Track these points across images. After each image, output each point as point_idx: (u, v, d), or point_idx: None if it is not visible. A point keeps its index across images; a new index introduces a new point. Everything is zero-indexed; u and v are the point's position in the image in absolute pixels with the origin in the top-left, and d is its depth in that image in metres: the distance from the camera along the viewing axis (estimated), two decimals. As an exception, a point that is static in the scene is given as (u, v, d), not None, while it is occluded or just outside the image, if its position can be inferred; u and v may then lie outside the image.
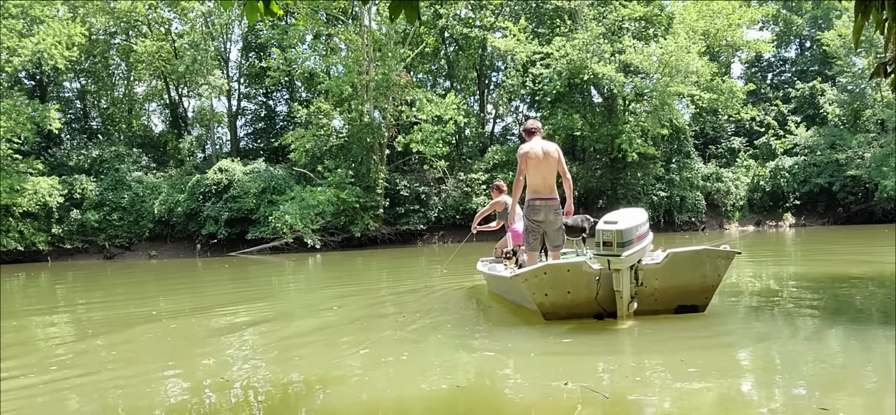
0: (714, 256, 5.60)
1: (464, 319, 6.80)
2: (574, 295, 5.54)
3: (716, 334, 5.31)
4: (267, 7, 2.88)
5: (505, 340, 5.67)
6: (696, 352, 4.61)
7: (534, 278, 5.55)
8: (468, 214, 24.73)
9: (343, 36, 25.36)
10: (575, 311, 5.60)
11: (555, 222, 6.50)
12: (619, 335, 5.25)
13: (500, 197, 8.28)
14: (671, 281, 5.58)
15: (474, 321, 6.67)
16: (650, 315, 5.61)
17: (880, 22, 3.65)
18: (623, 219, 5.33)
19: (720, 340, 5.16)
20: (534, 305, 5.66)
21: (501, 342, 5.59)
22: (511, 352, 5.19)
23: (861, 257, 12.26)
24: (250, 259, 20.85)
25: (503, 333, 5.94)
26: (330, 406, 3.77)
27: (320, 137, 24.64)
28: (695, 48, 23.71)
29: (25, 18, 23.62)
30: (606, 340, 5.15)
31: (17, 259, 22.80)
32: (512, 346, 5.41)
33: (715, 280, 5.68)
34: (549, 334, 5.44)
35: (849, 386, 3.73)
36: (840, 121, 28.61)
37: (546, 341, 5.29)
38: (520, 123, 33.25)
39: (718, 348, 4.84)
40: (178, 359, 5.36)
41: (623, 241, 5.18)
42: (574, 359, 4.65)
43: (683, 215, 26.36)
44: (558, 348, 5.00)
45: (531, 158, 6.37)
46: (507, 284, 6.71)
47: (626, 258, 5.23)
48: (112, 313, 8.94)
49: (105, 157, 25.79)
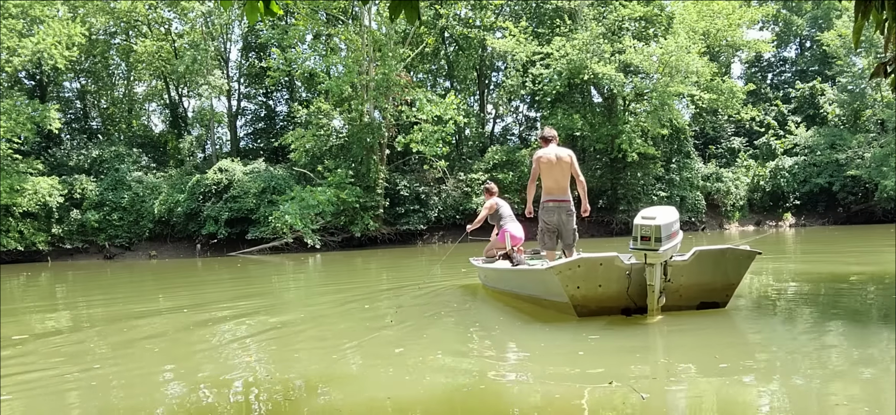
0: (738, 256, 5.75)
1: (464, 318, 6.80)
2: (605, 288, 5.60)
3: (743, 331, 5.40)
4: (267, 7, 2.88)
5: (505, 340, 5.67)
6: (725, 349, 4.62)
7: (567, 271, 5.58)
8: (468, 214, 24.72)
9: (343, 36, 25.35)
10: (605, 304, 5.66)
11: (567, 223, 6.86)
12: (623, 334, 5.25)
13: (491, 200, 8.41)
14: (697, 278, 5.71)
15: (474, 321, 6.67)
16: (674, 311, 5.71)
17: (880, 22, 3.65)
18: (660, 215, 5.39)
19: (746, 337, 5.23)
20: (565, 297, 5.67)
21: (501, 342, 5.59)
22: (512, 352, 5.19)
23: (867, 257, 12.27)
24: (250, 259, 20.85)
25: (503, 333, 5.94)
26: (330, 406, 3.76)
27: (320, 137, 24.64)
28: (695, 48, 23.70)
29: (25, 18, 23.61)
30: (607, 337, 5.15)
31: (16, 259, 22.80)
32: (512, 346, 5.41)
33: (737, 278, 5.85)
34: (548, 334, 5.44)
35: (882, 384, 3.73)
36: (840, 121, 28.61)
37: (545, 341, 5.29)
38: (520, 123, 33.29)
39: (744, 346, 4.85)
40: (178, 358, 5.36)
41: (661, 236, 5.25)
42: (574, 359, 4.65)
43: (683, 215, 26.31)
44: (558, 349, 5.00)
45: (544, 163, 6.80)
46: (527, 277, 6.81)
47: (663, 253, 5.29)
48: (112, 313, 8.94)
49: (105, 157, 25.79)
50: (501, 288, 7.80)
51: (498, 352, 5.24)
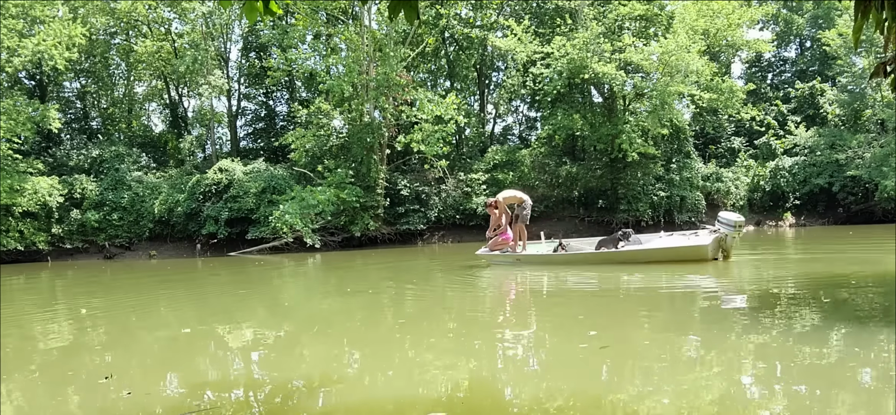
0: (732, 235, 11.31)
1: (463, 318, 6.80)
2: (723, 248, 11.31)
3: (744, 331, 5.37)
4: (266, 7, 2.88)
5: (506, 339, 5.67)
6: (725, 348, 4.61)
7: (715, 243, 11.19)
8: (468, 214, 24.72)
9: (343, 36, 25.33)
10: (716, 255, 11.24)
11: None
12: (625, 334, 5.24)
13: (496, 210, 12.24)
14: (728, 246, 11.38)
15: (474, 321, 6.66)
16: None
17: (880, 22, 3.65)
18: (738, 215, 11.41)
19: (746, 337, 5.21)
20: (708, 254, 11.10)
21: (502, 342, 5.59)
22: (512, 352, 5.19)
23: (871, 256, 12.26)
24: (250, 259, 20.85)
25: (503, 333, 5.94)
26: (330, 406, 3.76)
27: (320, 136, 24.61)
28: (695, 48, 23.67)
29: (25, 19, 23.60)
30: (606, 338, 5.14)
31: (16, 259, 22.80)
32: (513, 346, 5.41)
33: (733, 244, 11.50)
34: (546, 335, 5.43)
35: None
36: (840, 121, 28.57)
37: (545, 341, 5.29)
38: (520, 123, 33.30)
39: (745, 345, 4.85)
40: (179, 358, 5.36)
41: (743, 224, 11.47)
42: (574, 360, 4.65)
43: (683, 215, 26.32)
44: (557, 349, 5.00)
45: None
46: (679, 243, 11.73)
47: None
48: (112, 312, 8.94)
49: (105, 157, 25.77)
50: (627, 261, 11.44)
51: (499, 351, 5.24)
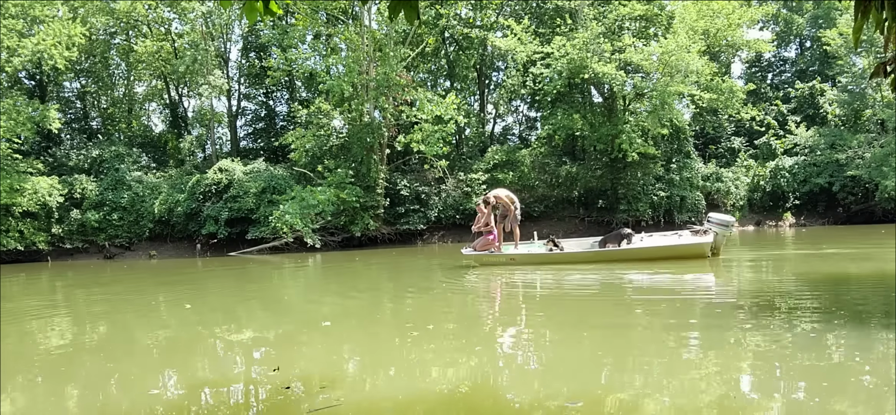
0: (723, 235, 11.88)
1: (463, 318, 6.80)
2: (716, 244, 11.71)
3: (743, 331, 5.36)
4: (266, 7, 2.88)
5: (505, 339, 5.67)
6: (725, 348, 4.60)
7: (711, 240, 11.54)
8: (468, 213, 24.71)
9: (343, 36, 25.33)
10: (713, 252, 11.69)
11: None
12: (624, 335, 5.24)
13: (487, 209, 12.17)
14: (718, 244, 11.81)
15: (474, 321, 6.66)
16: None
17: (880, 22, 3.65)
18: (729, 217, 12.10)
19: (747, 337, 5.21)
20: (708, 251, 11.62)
21: (501, 342, 5.59)
22: (512, 352, 5.19)
23: (871, 256, 12.25)
24: (250, 259, 20.84)
25: (503, 332, 5.93)
26: (330, 406, 3.76)
27: (320, 136, 24.61)
28: (695, 48, 23.66)
29: (25, 18, 23.59)
30: (608, 343, 5.14)
31: (16, 259, 22.79)
32: (513, 346, 5.40)
33: (722, 243, 12.01)
34: (545, 334, 5.43)
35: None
36: (840, 121, 28.57)
37: (544, 340, 5.28)
38: (520, 123, 33.29)
39: (744, 346, 4.84)
40: (179, 358, 5.36)
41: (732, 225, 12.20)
42: (573, 360, 4.65)
43: (683, 215, 26.31)
44: (557, 349, 5.00)
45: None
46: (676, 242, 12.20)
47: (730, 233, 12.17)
48: (112, 312, 8.93)
49: (105, 157, 25.77)
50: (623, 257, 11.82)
51: (498, 352, 5.24)
